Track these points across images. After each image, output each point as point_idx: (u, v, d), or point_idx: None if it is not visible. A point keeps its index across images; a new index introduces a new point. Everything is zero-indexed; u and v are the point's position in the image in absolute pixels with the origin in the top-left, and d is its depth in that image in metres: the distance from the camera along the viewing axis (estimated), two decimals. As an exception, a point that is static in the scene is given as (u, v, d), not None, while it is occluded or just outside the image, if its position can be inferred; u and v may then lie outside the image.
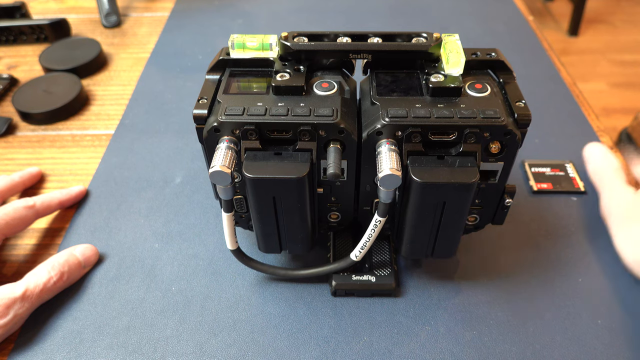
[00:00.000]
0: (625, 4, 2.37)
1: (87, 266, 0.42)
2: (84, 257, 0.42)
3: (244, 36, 0.35)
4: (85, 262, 0.42)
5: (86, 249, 0.42)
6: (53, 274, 0.39)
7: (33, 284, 0.38)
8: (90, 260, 0.42)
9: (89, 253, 0.42)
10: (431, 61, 0.35)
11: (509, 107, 0.33)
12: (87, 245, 0.43)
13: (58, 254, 0.41)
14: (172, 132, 0.56)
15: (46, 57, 0.65)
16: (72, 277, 0.41)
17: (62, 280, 0.39)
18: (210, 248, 0.44)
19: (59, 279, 0.39)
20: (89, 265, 0.42)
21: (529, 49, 0.69)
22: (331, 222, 0.39)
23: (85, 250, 0.42)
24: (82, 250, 0.42)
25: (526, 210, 0.47)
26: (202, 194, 0.49)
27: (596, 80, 1.91)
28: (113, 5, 0.76)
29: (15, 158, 0.54)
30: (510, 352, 0.37)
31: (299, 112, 0.32)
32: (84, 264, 0.42)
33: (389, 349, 0.37)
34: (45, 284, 0.38)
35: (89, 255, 0.42)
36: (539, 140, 0.54)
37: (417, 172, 0.31)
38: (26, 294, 0.37)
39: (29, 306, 0.37)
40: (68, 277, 0.40)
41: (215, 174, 0.31)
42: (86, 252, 0.42)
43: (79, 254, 0.42)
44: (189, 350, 0.37)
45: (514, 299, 0.40)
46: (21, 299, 0.37)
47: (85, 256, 0.42)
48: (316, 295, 0.40)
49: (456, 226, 0.35)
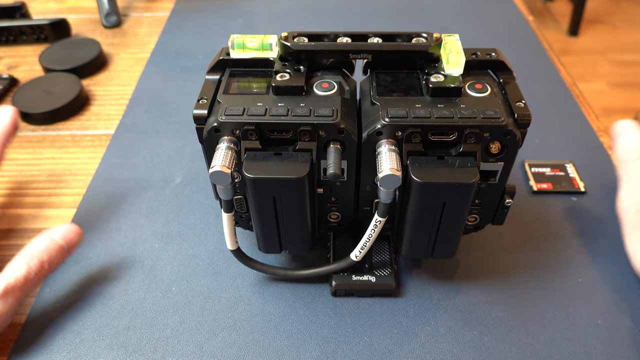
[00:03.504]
0: (625, 4, 2.37)
1: (71, 248, 0.39)
2: (65, 240, 0.38)
3: (244, 36, 0.35)
4: (68, 244, 0.38)
5: (67, 230, 0.38)
6: (32, 264, 0.36)
7: (13, 279, 0.35)
8: (73, 242, 0.39)
9: (70, 235, 0.38)
10: (431, 61, 0.35)
11: (509, 107, 0.33)
12: (67, 226, 0.39)
13: (36, 241, 0.38)
14: (172, 132, 0.56)
15: (46, 57, 0.65)
16: (54, 263, 0.37)
17: (44, 269, 0.37)
18: (210, 248, 0.44)
19: (40, 269, 0.36)
20: (73, 247, 0.39)
21: (529, 49, 0.69)
22: (331, 222, 0.39)
23: (65, 232, 0.38)
24: (62, 232, 0.38)
25: (526, 210, 0.47)
26: (202, 194, 0.49)
27: (596, 80, 1.91)
28: (113, 5, 0.76)
29: (15, 158, 0.54)
30: (510, 352, 0.37)
31: (299, 112, 0.32)
32: (67, 247, 0.38)
33: (389, 349, 0.37)
34: (26, 277, 0.36)
35: (70, 237, 0.38)
36: (539, 140, 0.54)
37: (417, 172, 0.31)
38: (7, 291, 0.35)
39: (13, 301, 0.35)
40: (49, 265, 0.37)
41: (215, 174, 0.31)
42: (67, 234, 0.38)
43: (59, 238, 0.38)
44: (189, 350, 0.37)
45: (514, 299, 0.40)
46: (2, 296, 0.34)
47: (66, 239, 0.38)
48: (316, 295, 0.40)
49: (456, 226, 0.35)
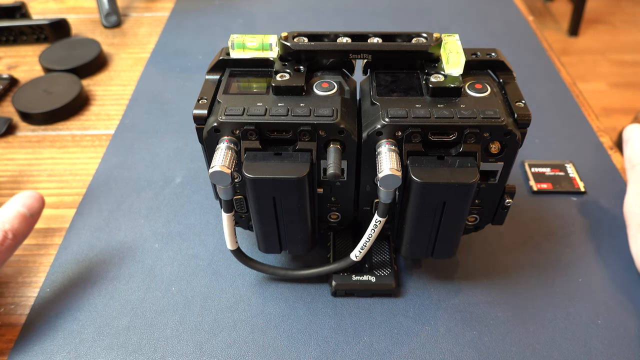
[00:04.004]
0: (625, 4, 2.37)
1: (35, 214, 0.38)
2: (26, 207, 0.38)
3: (244, 36, 0.35)
4: (31, 211, 0.38)
5: (27, 197, 0.38)
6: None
7: None
8: (35, 208, 0.38)
9: (30, 201, 0.38)
10: (431, 61, 0.35)
11: (509, 107, 0.33)
12: (27, 193, 0.39)
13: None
14: (172, 132, 0.56)
15: (46, 57, 0.65)
16: (21, 232, 0.37)
17: (9, 239, 0.36)
18: (210, 248, 0.44)
19: (4, 239, 0.36)
20: (37, 213, 0.38)
21: (529, 49, 0.69)
22: (331, 222, 0.39)
23: (25, 199, 0.38)
24: (22, 200, 0.38)
25: (526, 210, 0.47)
26: (202, 194, 0.49)
27: (596, 80, 1.91)
28: (113, 5, 0.76)
29: (15, 158, 0.54)
30: (510, 352, 0.37)
31: (299, 112, 0.32)
32: (30, 212, 0.38)
33: (389, 349, 0.37)
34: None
35: (31, 204, 0.38)
36: (539, 140, 0.54)
37: (417, 172, 0.31)
38: None
39: None
40: (14, 234, 0.36)
41: (215, 174, 0.31)
42: (27, 200, 0.38)
43: (20, 205, 0.38)
44: (189, 350, 0.37)
45: (514, 299, 0.40)
46: None
47: (28, 205, 0.38)
48: (316, 295, 0.40)
49: (456, 226, 0.35)
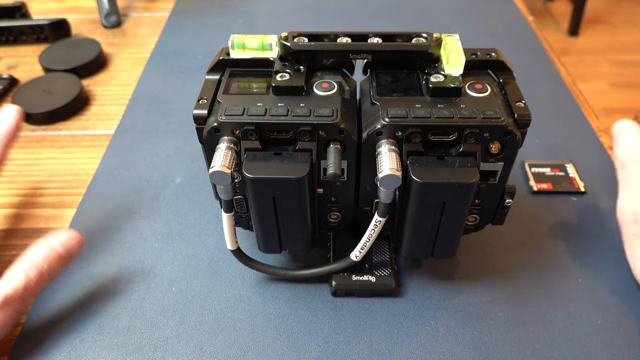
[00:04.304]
0: (625, 4, 2.37)
1: (71, 257, 0.37)
2: (64, 248, 0.37)
3: (244, 36, 0.35)
4: (68, 252, 0.37)
5: (67, 239, 0.37)
6: (31, 274, 0.35)
7: (12, 289, 0.34)
8: (73, 250, 0.37)
9: (70, 243, 0.37)
10: (431, 61, 0.35)
11: (509, 107, 0.33)
12: (67, 234, 0.37)
13: (36, 248, 0.36)
14: (172, 132, 0.56)
15: (46, 57, 0.65)
16: (54, 272, 0.37)
17: (43, 279, 0.36)
18: (210, 248, 0.44)
19: (39, 279, 0.35)
20: (73, 256, 0.38)
21: (529, 49, 0.69)
22: (331, 222, 0.39)
23: (65, 240, 0.37)
24: (61, 240, 0.37)
25: (526, 210, 0.47)
26: (202, 194, 0.49)
27: (596, 80, 1.91)
28: (113, 5, 0.76)
29: (15, 158, 0.54)
30: (510, 352, 0.37)
31: (299, 112, 0.32)
32: (67, 255, 0.37)
33: (389, 349, 0.37)
34: (25, 287, 0.34)
35: (70, 246, 0.37)
36: (539, 140, 0.54)
37: (417, 172, 0.31)
38: (6, 302, 0.34)
39: (11, 312, 0.34)
40: (49, 274, 0.36)
41: (215, 174, 0.31)
42: (67, 242, 0.37)
43: (59, 246, 0.37)
44: (189, 350, 0.37)
45: (514, 299, 0.40)
46: (1, 307, 0.34)
47: (66, 247, 0.37)
48: (316, 295, 0.40)
49: (456, 226, 0.35)
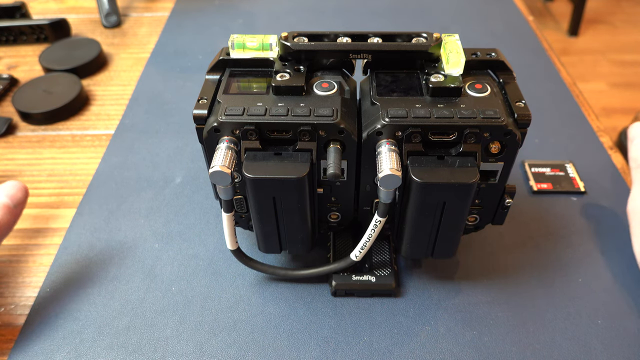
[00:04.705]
0: (625, 4, 2.37)
1: (18, 205, 0.38)
2: (10, 197, 0.37)
3: (244, 36, 0.35)
4: (14, 202, 0.37)
5: (11, 187, 0.38)
6: None
7: None
8: (19, 199, 0.38)
9: (14, 192, 0.38)
10: (431, 61, 0.35)
11: (509, 107, 0.33)
12: (9, 184, 0.38)
13: None
14: (172, 132, 0.56)
15: (46, 57, 0.65)
16: (5, 223, 0.36)
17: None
18: (210, 248, 0.44)
19: None
20: (21, 204, 0.38)
21: (529, 49, 0.69)
22: (331, 222, 0.39)
23: (9, 189, 0.38)
24: (5, 191, 0.37)
25: (526, 210, 0.47)
26: (202, 194, 0.49)
27: (596, 80, 1.91)
28: (113, 5, 0.76)
29: (15, 158, 0.54)
30: (510, 352, 0.37)
31: (299, 112, 0.32)
32: (14, 204, 0.37)
33: (389, 349, 0.37)
34: None
35: (14, 194, 0.38)
36: (539, 140, 0.54)
37: (417, 172, 0.31)
38: None
39: None
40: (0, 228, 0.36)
41: (215, 174, 0.31)
42: (10, 191, 0.38)
43: (4, 196, 0.37)
44: (189, 350, 0.37)
45: (514, 299, 0.40)
46: None
47: (11, 196, 0.37)
48: (316, 295, 0.40)
49: (456, 226, 0.35)
